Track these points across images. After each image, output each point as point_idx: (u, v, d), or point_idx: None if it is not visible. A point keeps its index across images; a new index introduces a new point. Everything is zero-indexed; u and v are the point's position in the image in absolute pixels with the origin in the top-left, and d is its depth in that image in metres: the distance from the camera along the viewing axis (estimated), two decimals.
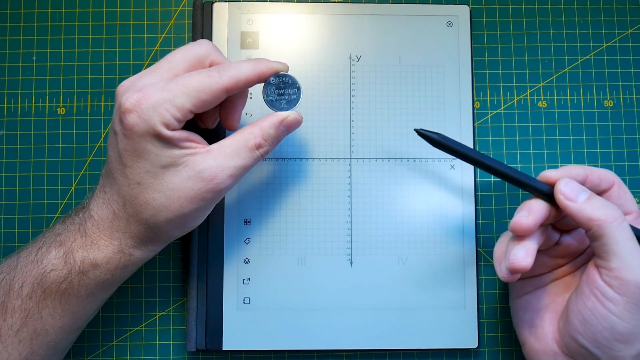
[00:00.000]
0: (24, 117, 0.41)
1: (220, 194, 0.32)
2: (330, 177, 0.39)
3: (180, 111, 0.30)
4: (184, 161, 0.31)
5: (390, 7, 0.41)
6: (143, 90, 0.30)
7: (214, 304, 0.38)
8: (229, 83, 0.31)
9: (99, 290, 0.33)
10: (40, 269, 0.32)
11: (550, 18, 0.42)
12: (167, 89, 0.30)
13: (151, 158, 0.31)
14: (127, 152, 0.31)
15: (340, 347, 0.38)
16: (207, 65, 0.33)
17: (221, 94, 0.31)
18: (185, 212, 0.32)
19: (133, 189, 0.31)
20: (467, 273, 0.39)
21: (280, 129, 0.33)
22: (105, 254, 0.32)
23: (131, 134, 0.30)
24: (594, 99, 0.42)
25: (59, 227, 0.33)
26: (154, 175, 0.31)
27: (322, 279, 0.39)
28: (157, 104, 0.30)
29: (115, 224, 0.32)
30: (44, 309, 0.32)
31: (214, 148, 0.32)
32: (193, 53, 0.32)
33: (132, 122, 0.30)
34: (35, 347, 0.32)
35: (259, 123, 0.33)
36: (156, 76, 0.31)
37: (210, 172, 0.31)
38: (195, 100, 0.31)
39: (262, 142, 0.33)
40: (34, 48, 0.41)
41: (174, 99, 0.30)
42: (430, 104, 0.40)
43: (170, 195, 0.31)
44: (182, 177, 0.31)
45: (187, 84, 0.31)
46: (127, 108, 0.30)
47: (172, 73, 0.32)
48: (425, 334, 0.39)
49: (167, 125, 0.30)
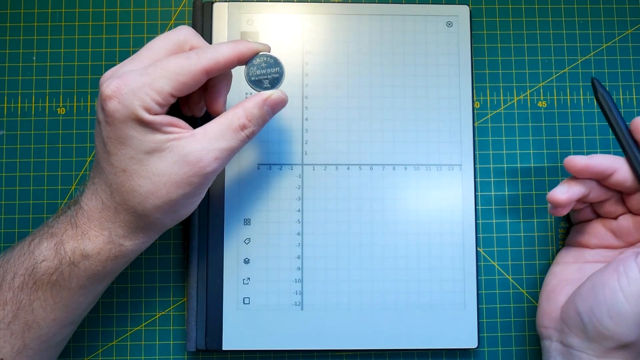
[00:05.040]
0: (24, 117, 0.41)
1: (207, 177, 0.32)
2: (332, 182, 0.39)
3: (160, 94, 0.30)
4: (168, 146, 0.31)
5: (390, 7, 0.41)
6: (123, 76, 0.30)
7: (214, 304, 0.38)
8: (208, 64, 0.31)
9: (90, 282, 0.33)
10: (32, 260, 0.32)
11: (550, 18, 0.42)
12: (146, 73, 0.30)
13: (134, 144, 0.31)
14: (110, 140, 0.31)
15: (340, 347, 0.38)
16: (187, 50, 0.33)
17: (201, 75, 0.31)
18: (173, 197, 0.32)
19: (119, 176, 0.31)
20: (467, 273, 0.39)
21: (264, 108, 0.33)
22: (96, 245, 0.32)
23: (113, 120, 0.30)
24: (594, 99, 0.42)
25: (51, 220, 0.33)
26: (138, 161, 0.31)
27: (323, 278, 0.39)
28: (136, 88, 0.30)
29: (104, 213, 0.32)
30: (35, 300, 0.32)
31: (198, 132, 0.32)
32: (172, 39, 0.33)
33: (113, 108, 0.30)
34: (27, 340, 0.32)
35: (243, 104, 0.33)
36: (136, 63, 0.32)
37: (195, 156, 0.31)
38: (174, 82, 0.31)
39: (247, 122, 0.32)
40: (34, 48, 0.41)
41: (153, 82, 0.30)
42: (430, 104, 0.40)
43: (157, 181, 0.31)
44: (167, 162, 0.31)
45: (165, 67, 0.31)
46: (108, 95, 0.30)
47: (153, 59, 0.32)
48: (425, 334, 0.39)
49: (148, 110, 0.30)
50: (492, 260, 0.41)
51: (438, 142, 0.40)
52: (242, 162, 0.40)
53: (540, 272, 0.40)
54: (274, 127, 0.40)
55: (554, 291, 0.37)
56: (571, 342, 0.33)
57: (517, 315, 0.40)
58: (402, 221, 0.39)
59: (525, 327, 0.40)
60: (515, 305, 0.40)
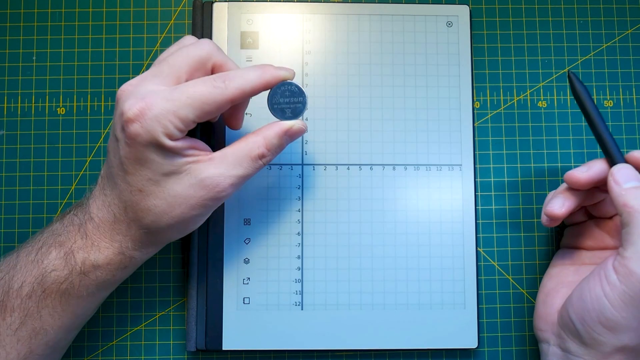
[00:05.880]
0: (24, 117, 0.41)
1: (221, 201, 0.32)
2: (332, 182, 0.39)
3: (184, 122, 0.30)
4: (186, 169, 0.31)
5: (390, 7, 0.41)
6: (146, 99, 0.30)
7: (214, 304, 0.38)
8: (235, 94, 0.31)
9: (99, 290, 0.33)
10: (40, 269, 0.32)
11: (550, 18, 0.42)
12: (171, 99, 0.30)
13: (153, 166, 0.31)
14: (129, 160, 0.31)
15: (340, 347, 0.38)
16: (209, 67, 0.32)
17: (226, 105, 0.31)
18: (187, 218, 0.32)
19: (135, 195, 0.31)
20: (467, 273, 0.39)
21: (284, 138, 0.33)
22: (106, 256, 0.32)
23: (133, 143, 0.30)
24: (593, 99, 0.42)
25: (57, 226, 0.33)
26: (155, 182, 0.31)
27: (323, 278, 0.39)
28: (160, 115, 0.29)
29: (116, 227, 0.32)
30: (43, 308, 0.32)
31: (216, 156, 0.32)
32: (195, 55, 0.32)
33: (135, 132, 0.30)
34: (33, 346, 0.32)
35: (263, 132, 0.32)
36: (158, 81, 0.31)
37: (212, 181, 0.31)
38: (199, 112, 0.30)
39: (266, 152, 0.32)
40: (34, 48, 0.41)
41: (177, 110, 0.30)
42: (430, 104, 0.40)
43: (172, 202, 0.31)
44: (184, 184, 0.31)
45: (192, 95, 0.30)
46: (130, 118, 0.29)
47: (175, 77, 0.31)
48: (425, 334, 0.39)
49: (170, 136, 0.30)
50: (492, 260, 0.41)
51: (438, 142, 0.40)
52: None
53: (540, 272, 0.40)
54: None
55: (550, 294, 0.36)
56: (569, 347, 0.33)
57: (517, 315, 0.40)
58: (402, 221, 0.39)
59: (525, 327, 0.40)
60: (515, 305, 0.40)
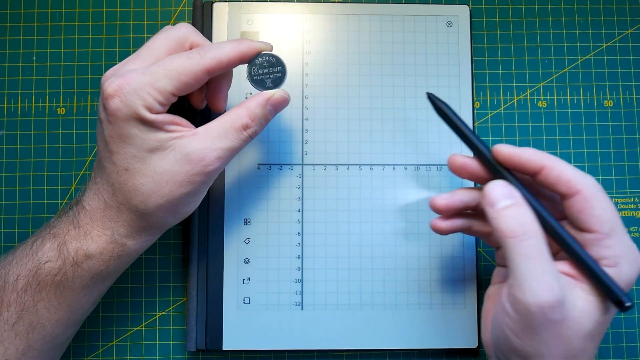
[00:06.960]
0: (24, 117, 0.41)
1: (209, 176, 0.32)
2: (332, 182, 0.39)
3: (162, 94, 0.30)
4: (170, 145, 0.31)
5: (390, 7, 0.41)
6: (124, 75, 0.30)
7: (214, 304, 0.38)
8: (210, 64, 0.31)
9: (93, 282, 0.33)
10: (35, 261, 0.32)
11: (550, 18, 0.42)
12: (149, 73, 0.31)
13: (137, 142, 0.31)
14: (112, 138, 0.31)
15: (340, 347, 0.38)
16: (187, 47, 0.33)
17: (203, 75, 0.31)
18: (175, 196, 0.32)
19: (121, 175, 0.31)
20: (467, 273, 0.39)
21: (267, 108, 0.33)
22: (99, 245, 0.32)
23: (115, 119, 0.30)
24: (594, 99, 0.42)
25: (53, 221, 0.33)
26: (141, 160, 0.31)
27: (323, 278, 0.39)
28: (138, 87, 0.30)
29: (107, 213, 0.32)
30: (39, 301, 0.32)
31: (200, 130, 0.32)
32: (172, 36, 0.33)
33: (115, 107, 0.30)
34: (31, 341, 0.32)
35: (245, 103, 0.33)
36: (138, 62, 0.32)
37: (197, 155, 0.31)
38: (176, 82, 0.31)
39: (249, 122, 0.33)
40: (34, 48, 0.41)
41: (155, 82, 0.30)
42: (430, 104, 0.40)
43: (159, 179, 0.31)
44: (170, 160, 0.31)
45: (167, 66, 0.31)
46: (110, 93, 0.30)
47: (154, 57, 0.32)
48: (425, 334, 0.39)
49: (150, 109, 0.30)
50: (492, 260, 0.41)
51: (438, 142, 0.40)
52: (242, 162, 0.40)
53: None
54: (274, 127, 0.40)
55: (486, 316, 0.33)
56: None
57: None
58: (402, 221, 0.39)
59: None
60: None
